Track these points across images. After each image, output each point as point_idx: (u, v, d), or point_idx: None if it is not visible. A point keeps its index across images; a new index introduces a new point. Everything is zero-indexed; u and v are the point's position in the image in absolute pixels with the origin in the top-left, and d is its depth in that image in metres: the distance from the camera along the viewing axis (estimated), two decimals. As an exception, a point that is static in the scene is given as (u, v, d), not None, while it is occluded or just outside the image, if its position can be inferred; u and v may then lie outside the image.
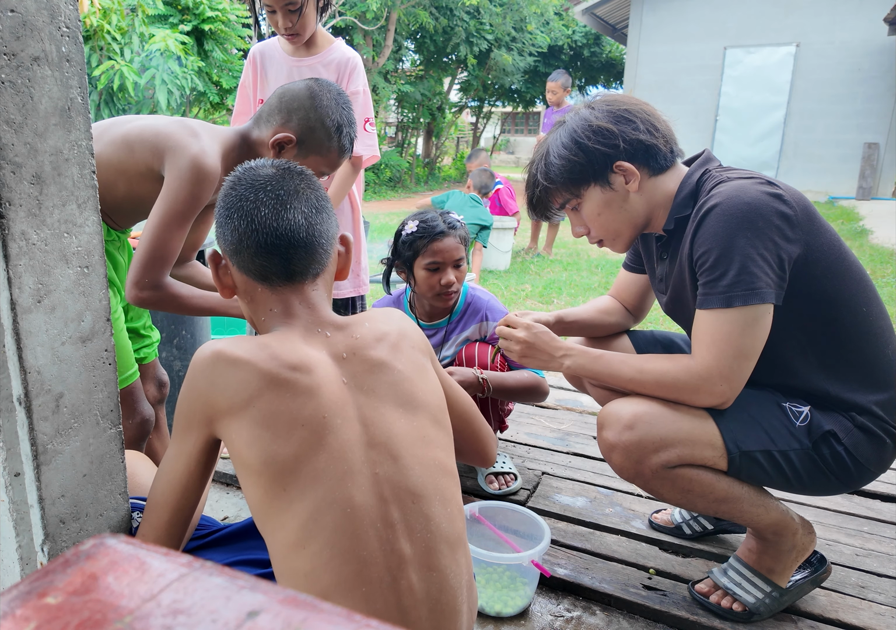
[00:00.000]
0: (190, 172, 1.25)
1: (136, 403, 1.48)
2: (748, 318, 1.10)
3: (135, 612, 0.29)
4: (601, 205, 1.27)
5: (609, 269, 5.21)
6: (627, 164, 1.22)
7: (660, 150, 1.23)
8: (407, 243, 1.75)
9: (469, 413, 1.07)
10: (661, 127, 1.24)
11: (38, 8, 0.71)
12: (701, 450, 1.17)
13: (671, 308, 1.38)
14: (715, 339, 1.12)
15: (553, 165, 1.27)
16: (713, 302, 1.12)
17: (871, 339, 1.19)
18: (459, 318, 1.86)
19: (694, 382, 1.15)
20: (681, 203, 1.24)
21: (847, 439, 1.16)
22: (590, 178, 1.25)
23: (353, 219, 2.15)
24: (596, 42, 15.39)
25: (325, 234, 0.92)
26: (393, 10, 10.24)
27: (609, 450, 1.22)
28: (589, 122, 1.23)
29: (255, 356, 0.82)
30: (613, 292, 1.63)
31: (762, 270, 1.09)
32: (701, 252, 1.14)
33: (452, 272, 1.74)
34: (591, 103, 1.28)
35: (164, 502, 0.88)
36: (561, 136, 1.27)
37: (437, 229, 1.72)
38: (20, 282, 0.73)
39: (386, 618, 0.79)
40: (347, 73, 1.98)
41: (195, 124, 1.33)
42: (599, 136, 1.22)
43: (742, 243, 1.09)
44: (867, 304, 1.19)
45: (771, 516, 1.23)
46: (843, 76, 9.48)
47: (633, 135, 1.21)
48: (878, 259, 5.36)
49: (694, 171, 1.26)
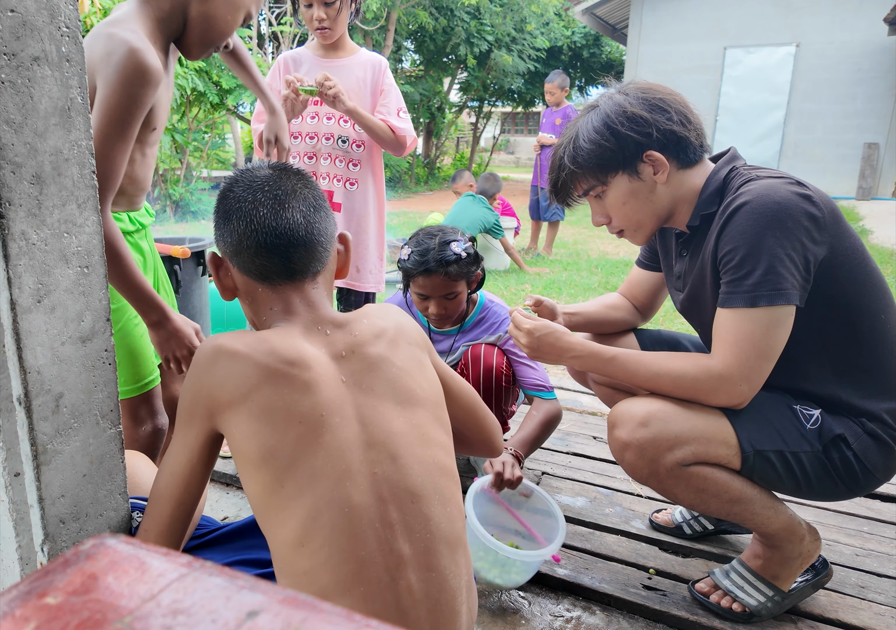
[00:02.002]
0: (123, 70, 1.08)
1: (152, 411, 1.40)
2: (772, 319, 1.09)
3: (135, 612, 0.29)
4: (627, 194, 1.24)
5: (609, 270, 5.21)
6: (658, 155, 1.20)
7: (691, 142, 1.21)
8: (402, 267, 1.73)
9: (472, 403, 1.08)
10: (694, 120, 1.22)
11: (38, 8, 0.71)
12: (716, 447, 1.16)
13: (687, 307, 1.36)
14: (738, 339, 1.11)
15: (582, 149, 1.23)
16: (737, 301, 1.11)
17: (886, 347, 1.18)
18: (471, 328, 1.85)
19: (713, 382, 1.13)
20: (707, 199, 1.22)
21: (856, 444, 1.16)
22: (618, 166, 1.22)
23: (378, 210, 2.20)
24: (596, 43, 15.39)
25: (324, 232, 0.93)
26: (393, 9, 10.24)
27: (622, 449, 1.20)
28: (623, 108, 1.20)
29: (253, 350, 0.82)
30: (624, 290, 1.61)
31: (789, 271, 1.08)
32: (727, 250, 1.13)
33: (442, 303, 1.71)
34: (625, 89, 1.24)
35: (167, 496, 0.88)
36: (593, 120, 1.23)
37: (424, 265, 1.65)
38: (20, 282, 0.73)
39: (385, 618, 0.79)
40: (382, 71, 2.10)
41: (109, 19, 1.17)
42: (633, 123, 1.19)
43: (770, 243, 1.08)
44: (885, 312, 1.17)
45: (780, 520, 1.23)
46: (843, 76, 9.48)
47: (666, 125, 1.18)
48: (878, 259, 5.36)
49: (721, 167, 1.24)
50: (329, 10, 1.94)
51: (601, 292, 4.43)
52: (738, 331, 1.11)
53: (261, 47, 9.01)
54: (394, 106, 2.08)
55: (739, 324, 1.11)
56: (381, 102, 2.08)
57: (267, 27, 8.97)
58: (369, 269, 2.19)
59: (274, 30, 8.24)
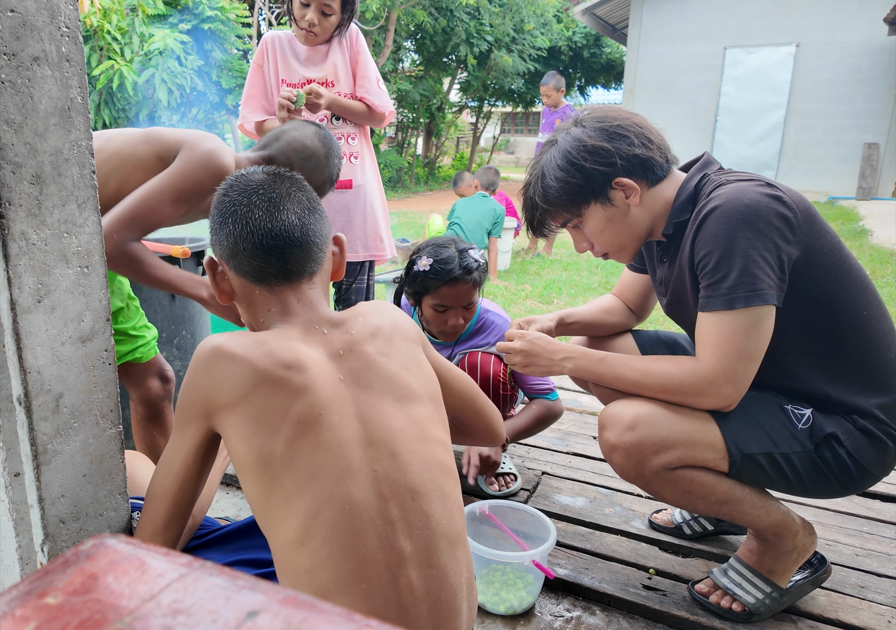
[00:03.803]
0: (203, 158, 1.26)
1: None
2: (751, 320, 1.10)
3: (135, 612, 0.29)
4: (604, 221, 1.27)
5: (609, 270, 5.21)
6: (626, 180, 1.21)
7: (656, 161, 1.23)
8: (418, 279, 1.67)
9: (470, 392, 1.09)
10: (655, 138, 1.24)
11: (38, 8, 0.71)
12: (702, 452, 1.17)
13: (672, 310, 1.38)
14: (719, 342, 1.12)
15: (551, 188, 1.25)
16: (715, 304, 1.12)
17: (871, 342, 1.18)
18: (468, 338, 1.84)
19: (699, 385, 1.14)
20: (679, 207, 1.23)
21: (849, 442, 1.16)
22: (590, 197, 1.24)
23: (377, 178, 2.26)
24: (596, 43, 15.39)
25: (319, 233, 0.94)
26: (392, 10, 10.24)
27: (610, 450, 1.22)
28: (583, 141, 1.21)
29: (250, 353, 0.83)
30: (617, 292, 1.62)
31: (763, 272, 1.09)
32: (702, 255, 1.14)
33: (461, 314, 1.69)
34: (581, 120, 1.25)
35: (162, 495, 0.88)
36: (555, 158, 1.24)
37: (450, 274, 1.62)
38: (20, 282, 0.73)
39: (386, 615, 0.79)
40: (355, 40, 2.12)
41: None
42: (595, 156, 1.20)
43: (743, 245, 1.09)
44: (868, 308, 1.18)
45: (772, 518, 1.23)
46: (843, 76, 9.48)
47: (628, 150, 1.20)
48: (878, 259, 5.36)
49: (692, 176, 1.25)
50: (323, 19, 1.98)
51: (601, 292, 4.43)
52: (719, 334, 1.12)
53: (261, 47, 8.99)
54: (372, 79, 2.12)
55: (719, 327, 1.12)
56: (360, 75, 2.12)
57: (267, 27, 8.97)
58: (383, 237, 2.24)
59: (274, 29, 8.24)
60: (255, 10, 8.06)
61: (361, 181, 2.16)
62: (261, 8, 8.34)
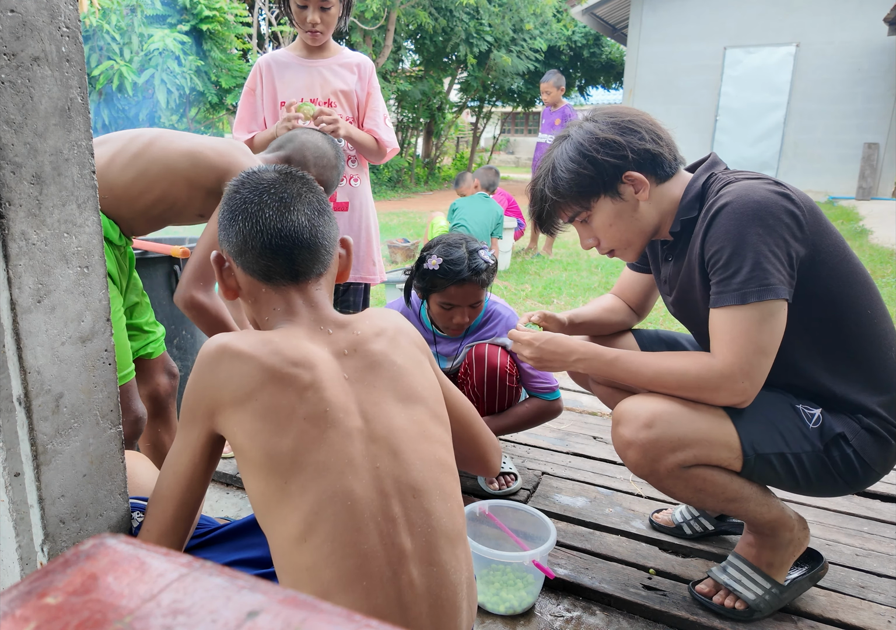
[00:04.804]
0: None
1: (131, 402, 1.48)
2: (764, 314, 1.11)
3: (135, 612, 0.29)
4: (612, 215, 1.27)
5: (609, 270, 5.21)
6: (636, 174, 1.22)
7: (665, 157, 1.24)
8: (427, 277, 1.68)
9: (468, 416, 1.07)
10: (664, 136, 1.26)
11: (38, 8, 0.71)
12: (718, 451, 1.17)
13: (677, 309, 1.38)
14: (734, 337, 1.12)
15: (561, 179, 1.26)
16: (728, 299, 1.12)
17: (875, 341, 1.19)
18: (476, 330, 1.85)
19: (716, 380, 1.14)
20: (687, 205, 1.24)
21: (855, 441, 1.17)
22: (600, 190, 1.25)
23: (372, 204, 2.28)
24: (596, 43, 15.39)
25: (328, 235, 0.94)
26: (392, 9, 10.24)
27: (625, 447, 1.22)
28: (595, 134, 1.23)
29: (258, 351, 0.83)
30: (617, 291, 1.63)
31: (774, 266, 1.10)
32: (713, 251, 1.15)
33: (467, 312, 1.70)
34: (592, 116, 1.27)
35: (169, 496, 0.88)
36: (567, 150, 1.26)
37: (459, 275, 1.63)
38: (20, 282, 0.73)
39: (386, 613, 0.79)
40: (368, 74, 2.16)
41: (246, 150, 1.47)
42: (607, 148, 1.22)
43: (754, 240, 1.10)
44: (871, 307, 1.19)
45: (772, 514, 1.25)
46: (843, 76, 9.48)
47: (639, 145, 1.22)
48: (878, 259, 5.36)
49: (699, 175, 1.26)
50: (324, 14, 1.98)
51: (601, 292, 4.43)
52: (733, 329, 1.12)
53: (261, 47, 9.01)
54: (381, 114, 2.17)
55: (733, 322, 1.12)
56: (371, 108, 2.15)
57: (267, 27, 8.97)
58: (375, 261, 2.27)
59: (274, 30, 8.25)
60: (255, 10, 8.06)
61: (358, 204, 2.19)
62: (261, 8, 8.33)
